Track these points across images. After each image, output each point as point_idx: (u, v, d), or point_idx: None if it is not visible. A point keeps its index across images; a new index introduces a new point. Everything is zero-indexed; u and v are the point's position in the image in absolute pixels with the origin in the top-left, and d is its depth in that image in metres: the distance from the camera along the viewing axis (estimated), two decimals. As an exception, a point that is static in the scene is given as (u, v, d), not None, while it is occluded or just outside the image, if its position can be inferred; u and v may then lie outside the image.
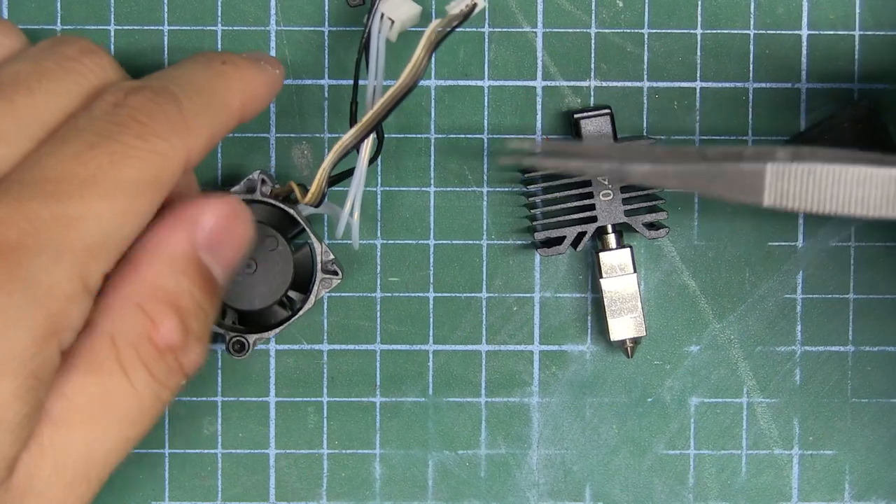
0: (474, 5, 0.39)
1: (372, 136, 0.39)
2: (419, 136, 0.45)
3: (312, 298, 0.41)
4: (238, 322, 0.42)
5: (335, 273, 0.41)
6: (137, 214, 0.33)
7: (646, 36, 0.44)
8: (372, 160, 0.41)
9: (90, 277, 0.32)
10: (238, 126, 0.37)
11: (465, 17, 0.39)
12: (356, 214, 0.40)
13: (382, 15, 0.40)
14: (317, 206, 0.40)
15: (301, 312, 0.41)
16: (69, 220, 0.32)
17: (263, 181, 0.41)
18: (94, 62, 0.36)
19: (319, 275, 0.41)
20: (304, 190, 0.40)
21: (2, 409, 0.31)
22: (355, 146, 0.39)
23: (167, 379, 0.34)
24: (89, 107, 0.34)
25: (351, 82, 0.41)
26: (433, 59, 0.44)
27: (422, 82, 0.44)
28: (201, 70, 0.37)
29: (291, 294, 0.41)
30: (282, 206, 0.41)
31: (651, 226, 0.43)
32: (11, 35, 0.37)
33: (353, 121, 0.40)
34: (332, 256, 0.41)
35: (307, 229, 0.41)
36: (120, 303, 0.34)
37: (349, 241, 0.41)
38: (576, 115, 0.43)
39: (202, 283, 0.35)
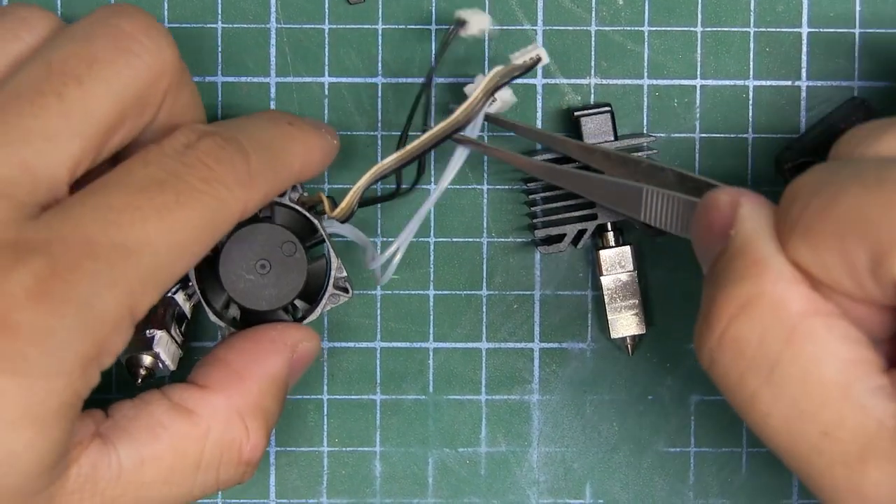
0: (539, 59, 0.40)
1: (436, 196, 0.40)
2: (419, 134, 0.44)
3: (318, 311, 0.40)
4: (239, 319, 0.42)
5: (345, 290, 0.41)
6: (192, 255, 0.34)
7: (646, 33, 0.44)
8: (411, 188, 0.41)
9: (138, 308, 0.33)
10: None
11: (528, 69, 0.40)
12: (398, 257, 0.40)
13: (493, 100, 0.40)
14: (343, 221, 0.40)
15: (303, 323, 0.41)
16: (128, 250, 0.32)
17: (294, 187, 0.40)
18: (151, 41, 0.35)
19: (330, 289, 0.40)
20: (333, 203, 0.40)
21: (46, 423, 0.31)
22: (394, 170, 0.40)
23: (226, 483, 0.36)
24: (160, 143, 0.34)
25: (346, 79, 0.41)
26: (433, 56, 0.44)
27: (422, 80, 0.44)
28: (269, 127, 0.38)
29: (298, 303, 0.41)
30: (307, 214, 0.40)
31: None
32: (48, 22, 0.36)
33: (400, 144, 0.40)
34: (345, 274, 0.41)
35: (327, 242, 0.40)
36: (224, 408, 0.35)
37: (373, 270, 0.41)
38: (576, 113, 0.43)
39: (283, 406, 0.38)
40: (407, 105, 0.44)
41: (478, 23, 0.41)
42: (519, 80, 0.44)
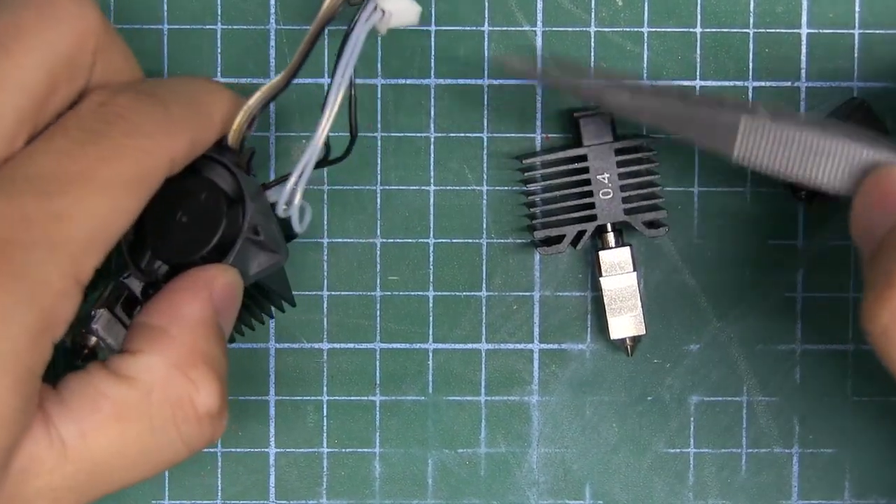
0: None
1: (337, 101, 0.38)
2: (419, 134, 0.45)
3: (228, 261, 0.37)
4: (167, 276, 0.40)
5: (262, 245, 0.38)
6: (127, 211, 0.33)
7: (645, 34, 0.44)
8: (341, 158, 0.39)
9: (82, 273, 0.32)
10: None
11: None
12: (298, 197, 0.37)
13: (376, 6, 0.38)
14: (238, 148, 0.38)
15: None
16: (61, 216, 0.32)
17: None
18: (75, 5, 0.34)
19: (243, 235, 0.37)
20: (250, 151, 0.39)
21: None
22: (283, 88, 0.38)
23: (193, 442, 0.35)
24: (76, 107, 0.34)
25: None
26: (433, 57, 0.44)
27: (422, 80, 0.44)
28: (187, 81, 0.37)
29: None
30: (229, 165, 0.38)
31: (651, 224, 0.43)
32: None
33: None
34: (262, 223, 0.38)
35: (241, 183, 0.38)
36: (161, 365, 0.34)
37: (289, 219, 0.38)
38: (575, 114, 0.43)
39: (223, 348, 0.36)
40: (407, 106, 0.44)
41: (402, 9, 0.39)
42: (519, 81, 0.44)
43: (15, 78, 0.33)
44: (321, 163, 0.38)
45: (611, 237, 0.43)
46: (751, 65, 0.44)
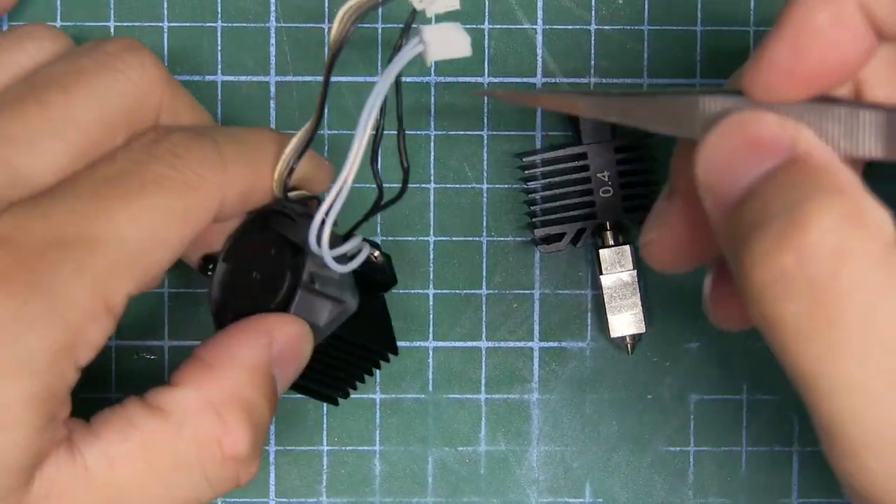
0: None
1: (365, 140, 0.35)
2: (418, 132, 0.45)
3: (290, 311, 0.37)
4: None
5: (324, 295, 0.37)
6: (164, 242, 0.34)
7: (646, 32, 0.44)
8: (397, 198, 0.37)
9: (112, 297, 0.32)
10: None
11: None
12: (326, 231, 0.36)
13: (420, 40, 0.35)
14: (283, 195, 0.37)
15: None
16: (94, 238, 0.32)
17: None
18: (135, 59, 0.35)
19: (301, 287, 0.37)
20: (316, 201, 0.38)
21: (12, 417, 0.31)
22: (314, 132, 0.37)
23: (217, 483, 0.35)
24: (128, 143, 0.35)
25: (346, 78, 0.41)
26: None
27: (422, 79, 0.44)
28: (246, 128, 0.38)
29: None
30: (292, 215, 0.38)
31: (651, 222, 0.43)
32: (54, 38, 0.37)
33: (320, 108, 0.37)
34: (324, 273, 0.37)
35: (300, 236, 0.37)
36: (196, 401, 0.34)
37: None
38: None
39: (270, 399, 0.36)
40: (407, 104, 0.44)
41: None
42: (519, 80, 0.44)
43: (68, 113, 0.34)
44: (376, 208, 0.38)
45: (610, 235, 0.44)
46: (751, 63, 0.44)
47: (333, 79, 0.44)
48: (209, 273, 0.39)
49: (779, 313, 0.29)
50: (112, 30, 0.44)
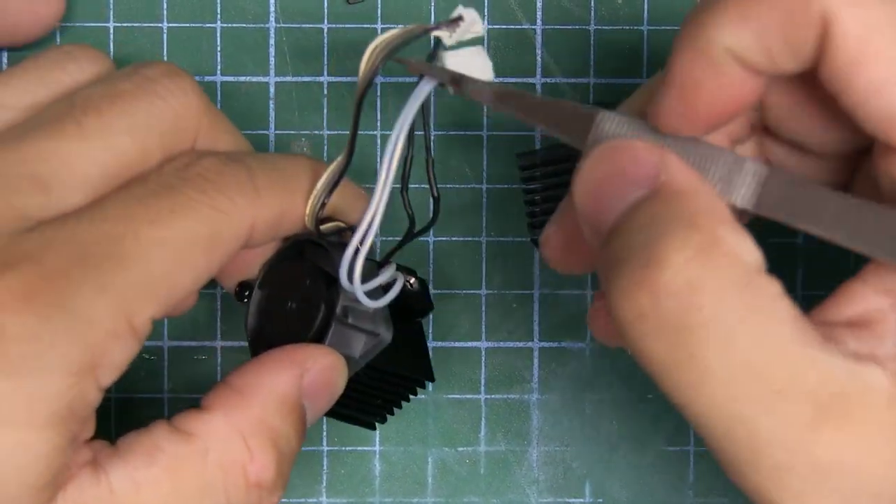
0: (460, 18, 0.35)
1: (393, 170, 0.35)
2: (418, 132, 0.44)
3: (325, 343, 0.38)
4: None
5: (357, 328, 0.38)
6: (190, 266, 0.34)
7: (645, 33, 0.44)
8: (429, 226, 0.38)
9: (135, 318, 0.32)
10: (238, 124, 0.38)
11: (430, 30, 0.35)
12: (358, 268, 0.36)
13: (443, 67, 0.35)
14: (315, 231, 0.38)
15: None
16: (120, 258, 0.32)
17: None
18: (174, 84, 0.35)
19: (335, 319, 0.37)
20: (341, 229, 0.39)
21: (33, 435, 0.31)
22: (346, 168, 0.37)
23: None
24: (162, 166, 0.35)
25: (345, 79, 0.41)
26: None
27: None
28: (280, 155, 0.38)
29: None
30: (327, 247, 0.38)
31: (650, 222, 0.43)
32: (95, 60, 0.37)
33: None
34: (357, 307, 0.37)
35: (334, 267, 0.37)
36: (223, 427, 0.34)
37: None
38: (575, 112, 0.43)
39: (298, 429, 0.36)
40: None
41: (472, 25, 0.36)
42: (518, 80, 0.44)
43: (104, 135, 0.34)
44: (409, 236, 0.38)
45: (610, 235, 0.43)
46: (750, 63, 0.44)
47: (332, 79, 0.45)
48: (245, 300, 0.39)
49: (644, 348, 0.29)
50: (112, 30, 0.44)
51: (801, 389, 0.28)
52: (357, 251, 0.36)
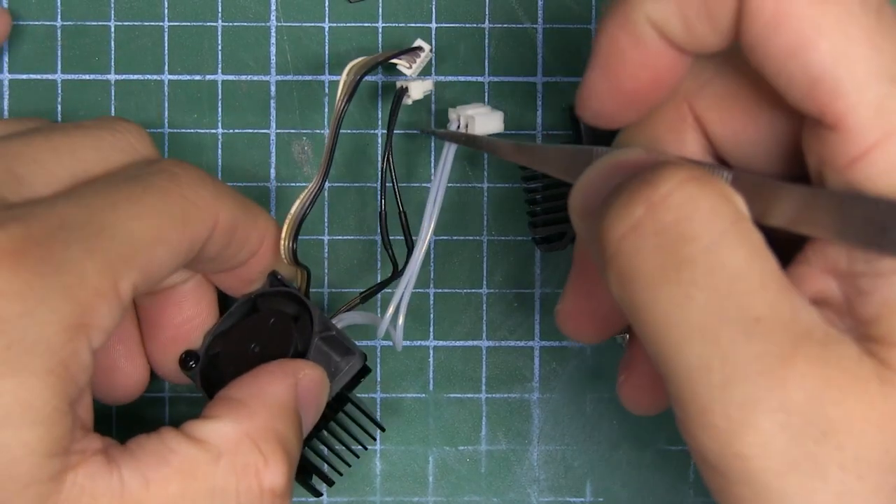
0: (418, 49, 0.42)
1: (425, 244, 0.40)
2: (419, 131, 0.45)
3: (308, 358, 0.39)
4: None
5: (336, 343, 0.40)
6: (166, 241, 0.35)
7: (646, 31, 0.44)
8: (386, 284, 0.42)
9: (121, 281, 0.33)
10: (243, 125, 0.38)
11: (390, 57, 0.41)
12: (401, 319, 0.40)
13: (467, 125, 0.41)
14: (290, 261, 0.40)
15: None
16: (100, 226, 0.33)
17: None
18: (130, 127, 0.38)
19: (315, 335, 0.39)
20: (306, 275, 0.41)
21: (30, 394, 0.31)
22: (318, 192, 0.39)
23: None
24: (126, 166, 0.37)
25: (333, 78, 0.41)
26: (433, 55, 0.44)
27: (422, 78, 0.44)
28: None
29: None
30: (291, 289, 0.40)
31: (651, 221, 0.43)
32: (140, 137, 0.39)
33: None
34: (333, 332, 0.40)
35: (304, 300, 0.40)
36: (234, 433, 0.35)
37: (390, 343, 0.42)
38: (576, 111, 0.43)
39: (300, 437, 0.37)
40: (408, 105, 0.44)
41: (420, 88, 0.42)
42: (519, 79, 0.44)
43: (70, 148, 0.36)
44: (386, 282, 0.42)
45: (611, 234, 0.43)
46: (752, 62, 0.44)
47: (332, 78, 0.45)
48: (192, 365, 0.40)
49: (632, 264, 0.30)
50: (112, 28, 0.44)
51: (778, 321, 0.29)
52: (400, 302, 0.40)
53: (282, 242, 0.39)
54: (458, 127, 0.41)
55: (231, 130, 0.44)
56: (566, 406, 0.45)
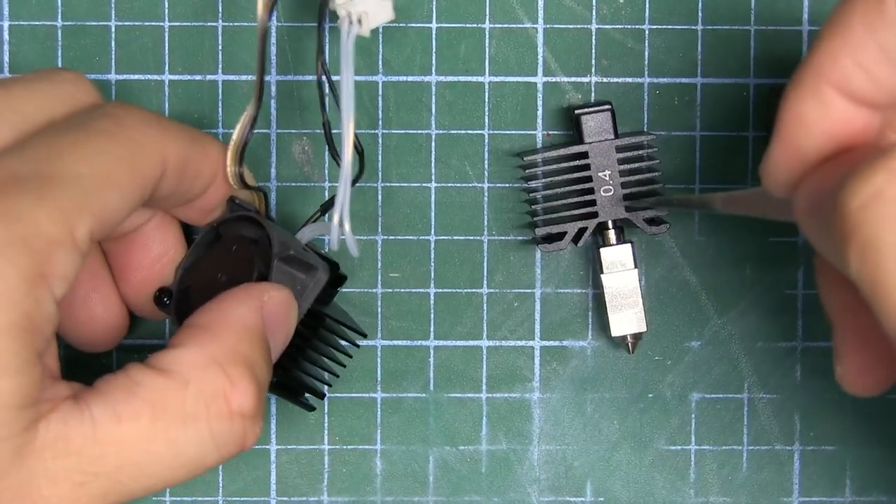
0: None
1: (351, 121, 0.38)
2: (420, 131, 0.45)
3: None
4: None
5: (297, 263, 0.39)
6: (116, 184, 0.35)
7: (646, 32, 0.44)
8: (355, 179, 0.41)
9: (76, 228, 0.33)
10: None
11: None
12: (347, 226, 0.38)
13: (349, 19, 0.39)
14: (239, 186, 0.40)
15: None
16: (50, 175, 0.33)
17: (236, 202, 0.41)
18: (69, 76, 0.38)
19: (275, 257, 0.39)
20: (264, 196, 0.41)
21: None
22: (257, 113, 0.40)
23: (224, 443, 0.35)
24: (70, 114, 0.37)
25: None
26: (433, 54, 0.44)
27: (423, 77, 0.44)
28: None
29: None
30: (250, 213, 0.40)
31: (652, 221, 0.43)
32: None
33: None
34: (291, 251, 0.39)
35: (262, 222, 0.39)
36: (200, 359, 0.35)
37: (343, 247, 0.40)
38: (576, 111, 0.43)
39: (268, 360, 0.37)
40: (408, 103, 0.44)
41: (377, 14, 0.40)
42: (520, 79, 0.44)
43: (11, 103, 0.36)
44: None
45: (612, 234, 0.43)
46: (752, 62, 0.44)
47: (333, 77, 0.45)
48: (166, 301, 0.40)
49: (875, 233, 0.29)
50: (113, 28, 0.44)
51: None
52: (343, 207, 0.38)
53: (228, 169, 0.39)
54: (351, 24, 0.39)
55: (231, 130, 0.44)
56: (567, 406, 0.45)
